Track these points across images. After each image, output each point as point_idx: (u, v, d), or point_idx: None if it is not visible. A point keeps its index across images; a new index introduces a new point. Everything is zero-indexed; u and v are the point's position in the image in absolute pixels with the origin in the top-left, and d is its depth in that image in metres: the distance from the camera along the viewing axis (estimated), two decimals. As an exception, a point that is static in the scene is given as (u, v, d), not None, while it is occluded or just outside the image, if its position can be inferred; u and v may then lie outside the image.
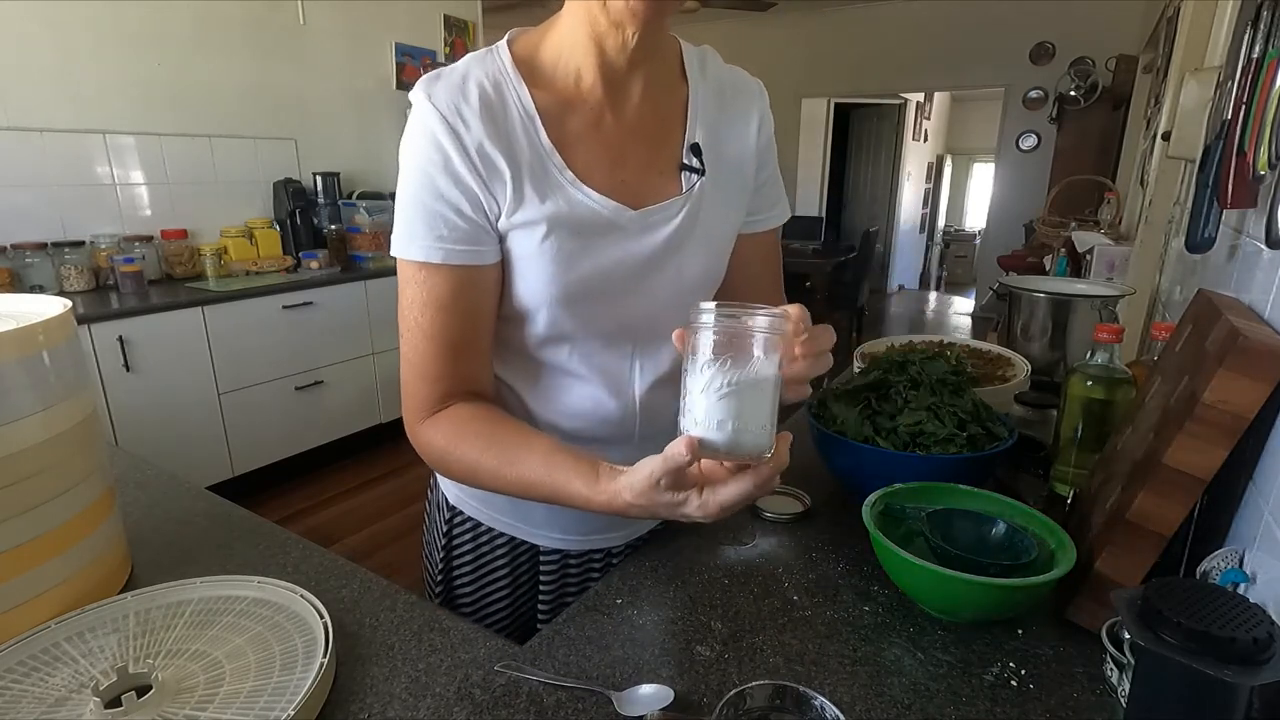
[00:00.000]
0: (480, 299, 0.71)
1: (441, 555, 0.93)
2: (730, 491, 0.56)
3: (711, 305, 0.54)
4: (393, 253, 0.70)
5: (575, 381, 0.79)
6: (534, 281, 0.71)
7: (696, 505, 0.57)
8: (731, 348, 0.53)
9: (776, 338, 0.53)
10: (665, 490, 0.57)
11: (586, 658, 0.65)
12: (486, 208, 0.68)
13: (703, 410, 0.53)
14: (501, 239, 0.70)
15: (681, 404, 0.56)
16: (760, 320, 0.53)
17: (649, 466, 0.57)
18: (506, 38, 0.71)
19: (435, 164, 0.66)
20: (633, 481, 0.58)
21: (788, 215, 0.87)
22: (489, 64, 0.69)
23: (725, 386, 0.52)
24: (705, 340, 0.53)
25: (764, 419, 0.54)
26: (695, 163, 0.74)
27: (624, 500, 0.60)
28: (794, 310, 0.56)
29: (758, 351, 0.53)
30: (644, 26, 0.63)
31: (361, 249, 3.40)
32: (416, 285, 0.69)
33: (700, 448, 0.54)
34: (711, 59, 0.78)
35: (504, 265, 0.72)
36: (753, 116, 0.79)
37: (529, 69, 0.69)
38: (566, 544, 0.90)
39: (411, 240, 0.68)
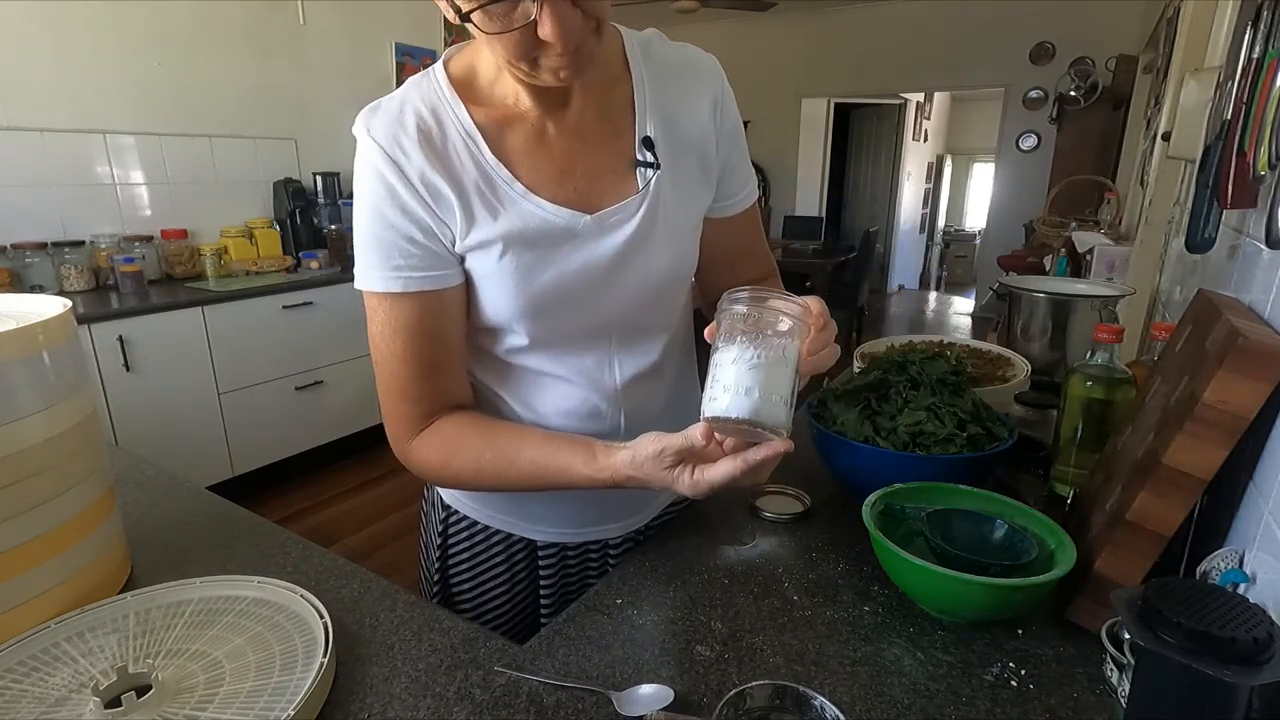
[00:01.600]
0: (446, 319, 0.72)
1: (438, 555, 0.93)
2: (719, 471, 0.62)
3: (746, 289, 0.61)
4: (355, 285, 0.71)
5: (556, 382, 0.79)
6: (498, 298, 0.71)
7: (689, 482, 0.63)
8: (763, 326, 0.60)
9: (800, 323, 0.61)
10: (665, 468, 0.63)
11: (586, 658, 0.65)
12: (439, 234, 0.69)
13: (732, 378, 0.59)
14: (462, 260, 0.71)
15: (709, 377, 0.61)
16: (788, 306, 0.61)
17: (659, 444, 0.63)
18: (442, 57, 0.71)
19: (382, 197, 0.67)
20: (635, 455, 0.64)
21: (757, 192, 0.87)
22: (425, 88, 0.69)
23: (755, 358, 0.59)
24: (740, 319, 0.61)
25: (785, 392, 0.60)
26: (649, 157, 0.72)
27: (624, 474, 0.66)
28: (814, 305, 0.62)
29: (784, 332, 0.60)
30: (571, 81, 0.63)
31: (361, 249, 3.39)
32: (383, 314, 0.70)
33: (721, 421, 0.59)
34: (656, 42, 0.76)
35: (468, 284, 0.72)
36: (705, 93, 0.76)
37: (466, 88, 0.69)
38: (563, 537, 0.90)
39: (370, 271, 0.69)
